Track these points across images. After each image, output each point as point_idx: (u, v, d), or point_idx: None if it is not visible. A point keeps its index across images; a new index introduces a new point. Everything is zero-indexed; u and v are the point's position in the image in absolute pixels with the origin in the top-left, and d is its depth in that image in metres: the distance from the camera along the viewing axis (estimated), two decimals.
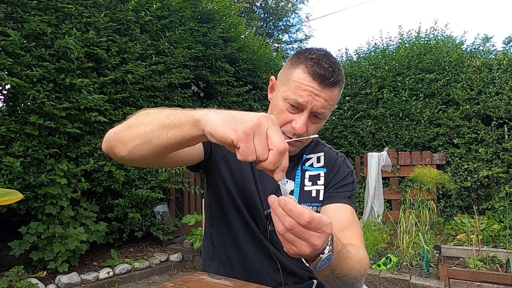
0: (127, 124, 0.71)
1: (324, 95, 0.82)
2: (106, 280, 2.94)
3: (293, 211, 0.52)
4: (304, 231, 0.52)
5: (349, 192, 0.95)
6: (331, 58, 0.84)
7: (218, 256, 0.98)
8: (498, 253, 2.71)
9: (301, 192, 0.94)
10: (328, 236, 0.55)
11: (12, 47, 2.54)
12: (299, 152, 0.99)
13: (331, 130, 5.41)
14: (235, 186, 0.93)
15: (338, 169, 0.98)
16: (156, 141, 0.64)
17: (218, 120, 0.54)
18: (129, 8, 3.39)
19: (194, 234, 3.60)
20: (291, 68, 0.86)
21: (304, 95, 0.81)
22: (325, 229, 0.53)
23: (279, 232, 0.54)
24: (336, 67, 0.82)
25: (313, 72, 0.81)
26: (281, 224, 0.53)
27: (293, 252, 0.55)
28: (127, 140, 0.69)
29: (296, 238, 0.53)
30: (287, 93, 0.84)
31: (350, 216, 0.90)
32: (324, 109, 0.83)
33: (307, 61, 0.82)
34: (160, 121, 0.64)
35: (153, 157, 0.70)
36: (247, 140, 0.51)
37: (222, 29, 4.51)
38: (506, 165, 3.95)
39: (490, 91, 4.08)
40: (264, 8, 16.86)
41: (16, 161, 2.52)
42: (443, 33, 5.15)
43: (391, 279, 2.56)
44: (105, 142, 0.77)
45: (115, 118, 3.21)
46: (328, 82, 0.80)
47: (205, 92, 4.75)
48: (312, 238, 0.53)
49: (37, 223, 2.74)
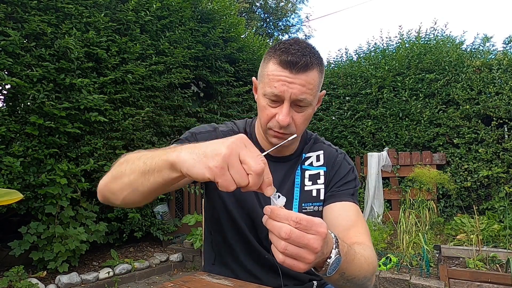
0: (112, 175, 0.72)
1: (299, 80, 0.79)
2: (106, 280, 2.94)
3: (279, 215, 0.52)
4: (301, 235, 0.51)
5: (352, 189, 0.94)
6: (301, 44, 0.82)
7: (219, 262, 0.98)
8: (498, 253, 2.71)
9: (301, 192, 0.93)
10: (323, 236, 0.53)
11: (12, 47, 2.54)
12: (297, 151, 0.98)
13: (331, 130, 5.41)
14: (233, 198, 0.93)
15: (338, 167, 0.97)
16: (142, 188, 0.65)
17: (190, 160, 0.54)
18: (129, 8, 3.39)
19: (194, 234, 3.60)
20: (264, 65, 0.86)
21: (278, 85, 0.80)
22: (317, 228, 0.52)
23: (281, 250, 0.52)
24: (307, 51, 0.80)
25: (282, 61, 0.79)
26: (279, 239, 0.52)
27: (302, 266, 0.53)
28: (116, 191, 0.71)
29: (298, 249, 0.51)
30: (264, 88, 0.84)
31: (355, 214, 0.88)
32: (304, 94, 0.80)
33: (276, 52, 0.82)
34: (140, 169, 0.64)
35: (148, 199, 0.71)
36: (222, 174, 0.51)
37: (222, 29, 4.51)
38: (506, 165, 3.95)
39: (490, 91, 4.08)
40: (264, 8, 16.85)
41: (16, 161, 2.52)
42: (442, 33, 5.15)
43: (391, 279, 2.56)
44: (99, 193, 0.78)
45: (115, 118, 3.22)
46: (298, 67, 0.78)
47: (205, 92, 4.75)
48: (311, 242, 0.51)
49: (37, 223, 2.74)
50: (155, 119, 3.73)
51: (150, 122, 3.69)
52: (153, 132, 3.77)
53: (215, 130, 0.97)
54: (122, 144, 3.31)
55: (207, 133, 0.95)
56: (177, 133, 4.13)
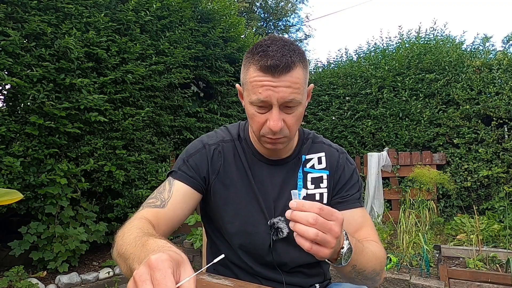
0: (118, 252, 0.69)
1: (284, 83, 0.76)
2: (106, 280, 2.94)
3: (304, 205, 0.60)
4: (325, 221, 0.59)
5: (358, 193, 0.95)
6: (278, 43, 0.78)
7: (219, 268, 0.98)
8: (498, 253, 2.71)
9: (303, 197, 0.93)
10: (341, 222, 0.62)
11: (12, 47, 2.54)
12: (295, 152, 0.96)
13: (331, 130, 5.41)
14: (229, 213, 0.92)
15: (342, 169, 0.96)
16: None
17: None
18: (129, 8, 3.39)
19: (194, 234, 3.59)
20: (245, 71, 0.83)
21: (262, 90, 0.77)
22: (337, 215, 0.61)
23: (312, 237, 0.59)
24: (286, 50, 0.76)
25: (261, 67, 0.76)
26: (307, 227, 0.59)
27: (327, 251, 0.61)
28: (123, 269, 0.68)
29: (325, 235, 0.59)
30: (249, 96, 0.81)
31: (363, 218, 0.92)
32: (292, 95, 0.77)
33: (254, 56, 0.78)
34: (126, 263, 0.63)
35: None
36: None
37: (222, 29, 4.51)
38: (506, 165, 3.95)
39: (490, 91, 4.08)
40: (264, 8, 16.86)
41: (16, 161, 2.52)
42: (442, 33, 5.15)
43: (391, 279, 2.56)
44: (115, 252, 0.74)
45: (115, 118, 3.21)
46: (280, 69, 0.74)
47: (205, 92, 4.75)
48: (333, 227, 0.60)
49: (37, 223, 2.74)
50: (155, 119, 3.72)
51: (150, 122, 3.69)
52: (153, 132, 3.77)
53: (204, 147, 0.95)
54: (122, 144, 3.31)
55: (197, 153, 0.93)
56: (177, 133, 4.13)
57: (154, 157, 3.71)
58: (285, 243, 0.89)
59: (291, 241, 0.89)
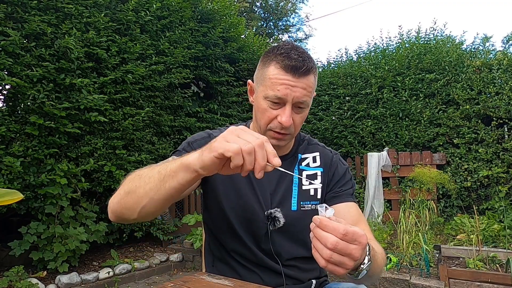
0: (125, 191, 0.76)
1: (301, 84, 0.84)
2: (106, 280, 2.94)
3: (328, 226, 0.56)
4: (346, 246, 0.55)
5: (351, 189, 1.00)
6: (299, 49, 0.87)
7: (218, 264, 1.00)
8: (498, 253, 2.71)
9: (299, 191, 0.96)
10: (364, 247, 0.58)
11: (12, 47, 2.54)
12: (292, 151, 1.01)
13: (331, 130, 5.41)
14: (229, 198, 0.95)
15: (336, 168, 1.01)
16: (158, 196, 0.70)
17: (200, 155, 0.63)
18: (129, 8, 3.39)
19: (194, 234, 3.60)
20: (264, 68, 0.89)
21: (281, 89, 0.83)
22: (361, 240, 0.56)
23: (326, 258, 0.56)
24: (306, 56, 0.85)
25: (285, 66, 0.83)
26: (324, 248, 0.56)
27: (342, 271, 0.58)
28: (132, 205, 0.75)
29: (341, 257, 0.56)
30: (265, 91, 0.86)
31: (357, 213, 0.95)
32: (305, 97, 0.85)
33: (277, 57, 0.85)
34: (155, 178, 0.70)
35: (160, 210, 0.76)
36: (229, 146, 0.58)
37: (222, 29, 4.51)
38: (506, 165, 3.95)
39: (490, 91, 4.08)
40: (264, 8, 16.86)
41: (16, 161, 2.52)
42: (442, 33, 5.15)
43: (391, 279, 2.56)
44: (111, 213, 0.81)
45: (115, 118, 3.21)
46: (301, 71, 0.83)
47: (205, 92, 4.75)
48: (353, 252, 0.56)
49: (37, 223, 2.74)
50: (155, 119, 3.73)
51: (150, 122, 3.69)
52: (153, 132, 3.77)
53: (210, 136, 1.00)
54: (122, 144, 3.31)
55: (202, 140, 0.97)
56: (177, 133, 4.13)
57: (154, 157, 3.71)
58: (280, 235, 0.93)
59: (286, 233, 0.92)
